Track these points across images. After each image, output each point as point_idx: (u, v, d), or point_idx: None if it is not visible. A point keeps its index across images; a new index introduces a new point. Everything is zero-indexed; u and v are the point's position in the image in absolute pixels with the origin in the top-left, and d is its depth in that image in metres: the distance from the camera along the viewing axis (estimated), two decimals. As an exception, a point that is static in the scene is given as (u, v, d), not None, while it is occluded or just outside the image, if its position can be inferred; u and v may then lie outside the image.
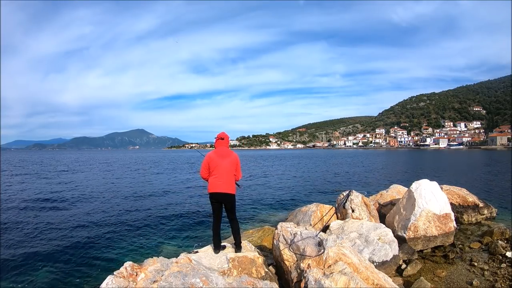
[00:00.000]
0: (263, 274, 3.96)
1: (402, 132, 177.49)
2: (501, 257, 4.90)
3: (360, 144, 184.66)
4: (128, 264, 3.48)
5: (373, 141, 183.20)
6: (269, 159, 53.71)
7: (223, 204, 4.16)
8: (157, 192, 15.16)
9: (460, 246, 5.64)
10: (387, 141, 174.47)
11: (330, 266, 3.43)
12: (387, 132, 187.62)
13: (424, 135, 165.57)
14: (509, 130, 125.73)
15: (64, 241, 7.31)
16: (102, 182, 19.61)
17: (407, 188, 6.77)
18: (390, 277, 3.92)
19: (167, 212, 10.45)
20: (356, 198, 6.24)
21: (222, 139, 4.23)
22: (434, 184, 6.10)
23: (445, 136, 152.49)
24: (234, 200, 4.17)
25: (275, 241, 4.58)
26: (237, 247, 4.24)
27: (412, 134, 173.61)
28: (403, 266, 4.86)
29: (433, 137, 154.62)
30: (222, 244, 4.39)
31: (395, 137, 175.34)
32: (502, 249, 5.09)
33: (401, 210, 6.08)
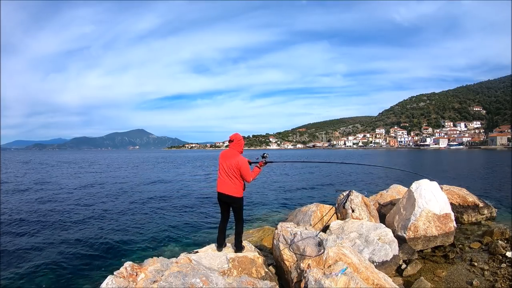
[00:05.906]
0: (263, 274, 3.96)
1: (402, 132, 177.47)
2: (501, 257, 4.90)
3: (360, 144, 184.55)
4: (128, 264, 3.48)
5: (373, 141, 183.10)
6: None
7: (230, 204, 4.21)
8: (157, 192, 15.15)
9: (460, 246, 5.64)
10: (387, 141, 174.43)
11: (330, 266, 3.43)
12: (387, 132, 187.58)
13: (424, 135, 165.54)
14: (509, 130, 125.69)
15: (63, 241, 7.30)
16: (101, 182, 19.60)
17: (407, 188, 6.77)
18: (390, 277, 3.91)
19: (167, 212, 10.45)
20: (356, 198, 6.24)
21: (231, 141, 4.25)
22: (434, 184, 6.10)
23: (445, 136, 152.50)
24: (236, 202, 4.13)
25: (275, 241, 4.58)
26: (236, 248, 4.27)
27: (412, 134, 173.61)
28: (403, 266, 4.86)
29: (433, 137, 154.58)
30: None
31: (395, 137, 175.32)
32: (502, 249, 5.09)
33: (401, 210, 6.08)
